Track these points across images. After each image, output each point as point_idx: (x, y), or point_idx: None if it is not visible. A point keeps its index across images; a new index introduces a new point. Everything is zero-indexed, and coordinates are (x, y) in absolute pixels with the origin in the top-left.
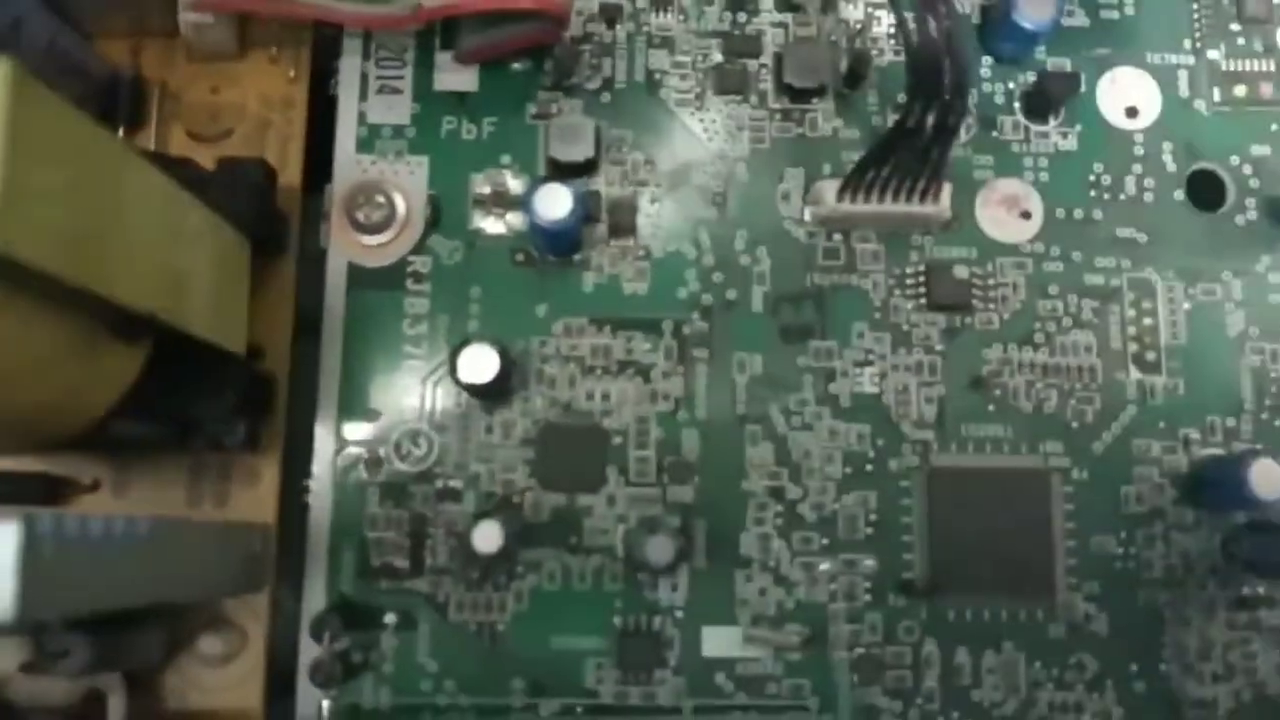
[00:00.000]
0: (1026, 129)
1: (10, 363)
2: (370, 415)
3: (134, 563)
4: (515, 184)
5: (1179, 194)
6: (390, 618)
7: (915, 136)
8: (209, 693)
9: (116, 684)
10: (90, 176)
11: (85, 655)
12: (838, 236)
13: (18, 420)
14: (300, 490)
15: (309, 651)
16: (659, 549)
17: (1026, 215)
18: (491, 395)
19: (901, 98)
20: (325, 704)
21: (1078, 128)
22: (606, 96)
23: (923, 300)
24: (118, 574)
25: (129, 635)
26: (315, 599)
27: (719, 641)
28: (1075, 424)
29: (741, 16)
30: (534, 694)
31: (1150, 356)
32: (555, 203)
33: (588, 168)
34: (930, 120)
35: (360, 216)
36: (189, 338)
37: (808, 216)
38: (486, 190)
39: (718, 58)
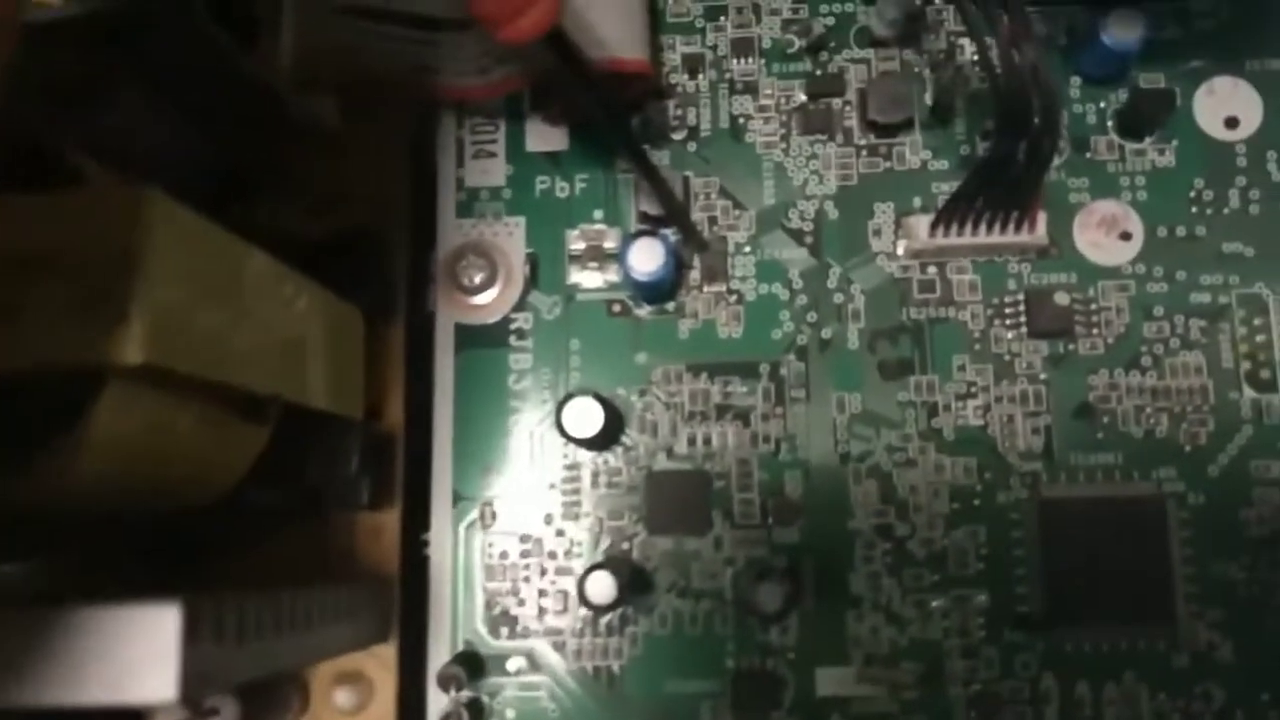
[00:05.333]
0: (1121, 148)
1: (148, 448)
2: (482, 469)
3: (278, 638)
4: (609, 238)
5: None
6: (514, 663)
7: (1006, 168)
8: None
9: None
10: (216, 280)
11: (233, 713)
12: (932, 269)
13: (153, 493)
14: (421, 544)
15: (437, 702)
16: (768, 595)
17: (1126, 236)
18: (597, 445)
19: (990, 125)
20: None
21: (1175, 143)
22: (693, 145)
23: (1024, 329)
24: (264, 649)
25: (271, 691)
26: (440, 649)
27: (833, 681)
28: (1189, 447)
29: (823, 55)
30: None
31: (1265, 374)
32: (649, 256)
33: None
34: (1021, 151)
35: (464, 279)
36: (311, 409)
37: (900, 250)
38: (581, 246)
39: (801, 98)
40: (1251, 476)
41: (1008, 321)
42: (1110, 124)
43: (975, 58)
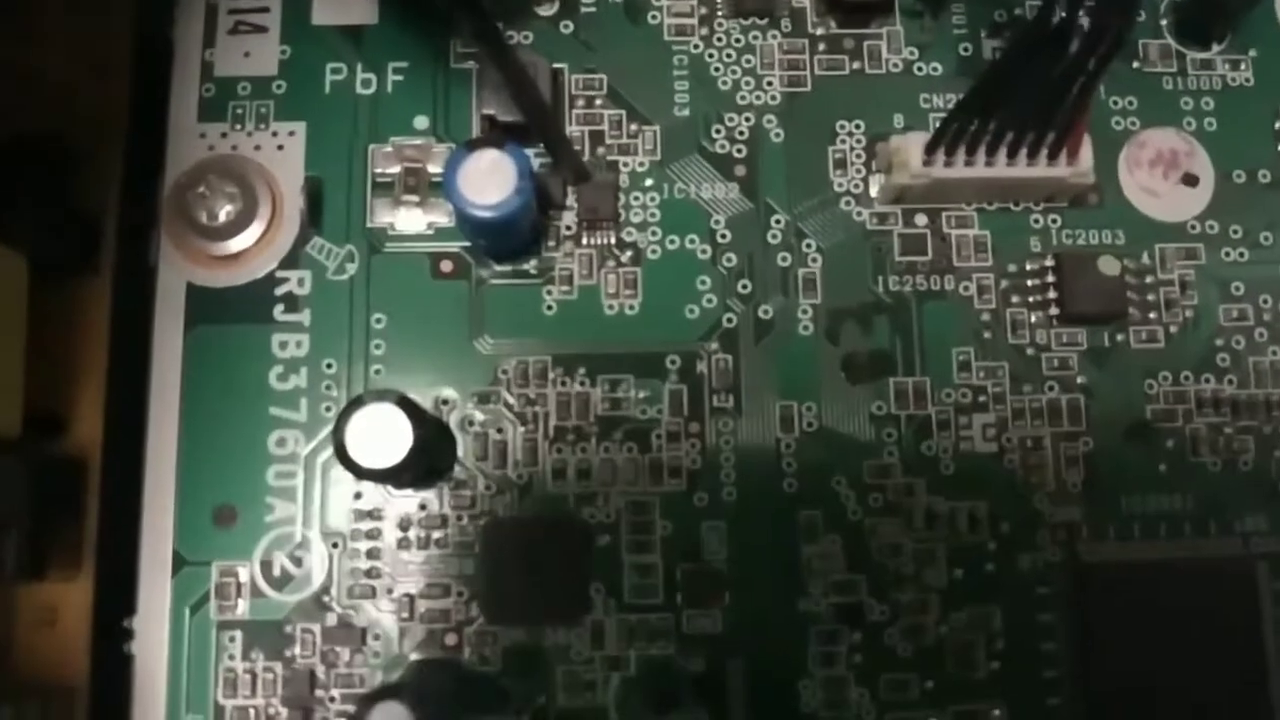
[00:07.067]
0: (1181, 57)
1: None
2: (223, 517)
3: None
4: (437, 158)
5: None
6: None
7: (1052, 58)
8: None
9: None
10: None
11: None
12: (921, 219)
13: None
14: (121, 635)
15: None
16: None
17: (1191, 180)
18: (406, 480)
19: (999, 17)
20: None
21: (1252, 54)
22: (569, 25)
23: (1053, 310)
24: None
25: None
26: None
27: None
28: None
29: None
30: None
31: None
32: (493, 179)
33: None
34: (1081, 27)
35: (203, 214)
36: None
37: (875, 190)
38: (394, 169)
39: None
40: None
41: (1031, 299)
42: (1165, 24)
43: None
